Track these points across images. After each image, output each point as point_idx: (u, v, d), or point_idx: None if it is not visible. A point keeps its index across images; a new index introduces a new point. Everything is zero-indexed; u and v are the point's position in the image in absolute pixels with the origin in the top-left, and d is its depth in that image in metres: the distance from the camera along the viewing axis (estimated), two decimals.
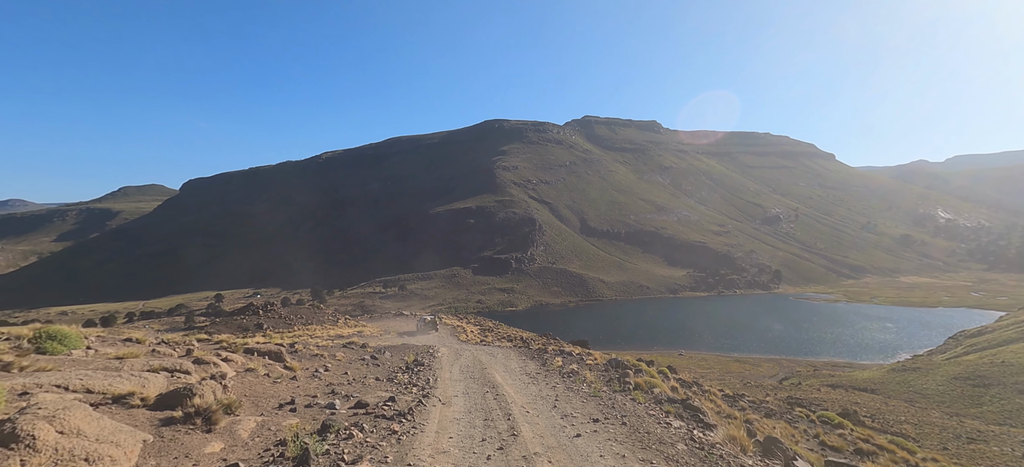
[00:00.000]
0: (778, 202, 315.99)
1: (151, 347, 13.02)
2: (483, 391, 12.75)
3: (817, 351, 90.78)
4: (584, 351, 27.22)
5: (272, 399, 9.67)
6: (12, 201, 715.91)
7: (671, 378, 21.40)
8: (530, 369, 17.55)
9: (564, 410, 10.90)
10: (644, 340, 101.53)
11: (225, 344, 15.90)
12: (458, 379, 14.70)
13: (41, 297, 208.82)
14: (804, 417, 24.22)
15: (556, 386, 13.98)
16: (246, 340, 18.67)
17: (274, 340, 21.00)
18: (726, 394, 26.48)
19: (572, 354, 23.12)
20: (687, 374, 30.97)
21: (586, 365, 19.48)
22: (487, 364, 18.46)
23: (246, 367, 11.94)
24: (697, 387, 23.30)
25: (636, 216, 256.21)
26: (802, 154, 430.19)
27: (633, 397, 12.80)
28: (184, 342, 15.81)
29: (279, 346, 16.33)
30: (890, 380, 55.85)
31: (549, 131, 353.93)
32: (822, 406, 40.02)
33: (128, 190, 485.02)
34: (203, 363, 11.16)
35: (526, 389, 13.48)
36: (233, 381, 10.35)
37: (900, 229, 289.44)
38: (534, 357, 21.27)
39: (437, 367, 17.12)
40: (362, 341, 26.72)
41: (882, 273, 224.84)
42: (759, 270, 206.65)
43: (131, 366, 9.64)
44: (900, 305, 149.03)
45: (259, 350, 14.53)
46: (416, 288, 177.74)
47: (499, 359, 20.45)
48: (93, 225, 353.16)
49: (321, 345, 21.81)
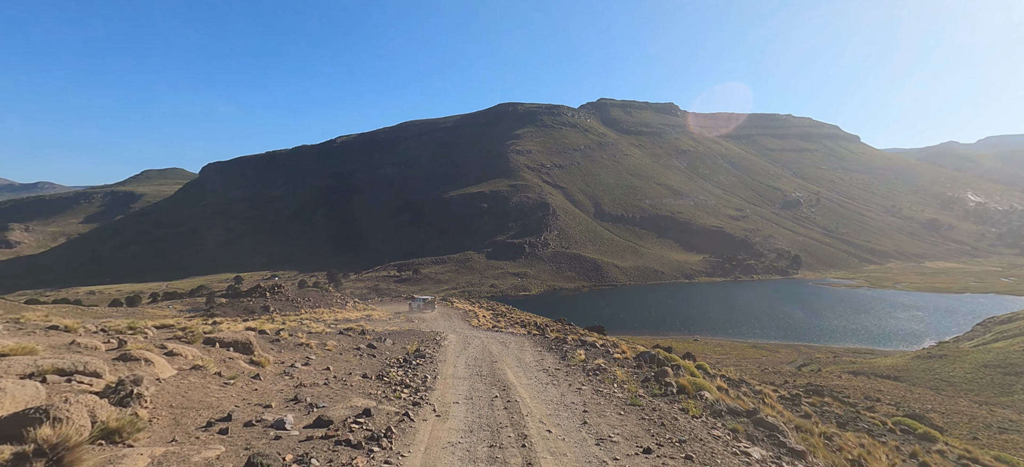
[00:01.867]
0: (799, 186, 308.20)
1: (72, 339, 10.48)
2: (491, 395, 10.49)
3: (837, 337, 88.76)
4: (607, 340, 24.38)
5: (205, 412, 7.41)
6: (41, 184, 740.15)
7: (716, 376, 18.85)
8: (548, 363, 15.14)
9: (598, 428, 8.43)
10: (658, 325, 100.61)
11: (181, 333, 13.04)
12: (463, 376, 12.53)
13: (70, 277, 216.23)
14: (879, 425, 20.15)
15: (581, 388, 11.57)
16: (210, 328, 15.72)
17: (261, 326, 18.66)
18: (782, 396, 22.67)
19: (595, 345, 20.21)
20: (732, 371, 26.16)
21: (614, 359, 16.73)
22: (498, 356, 16.26)
23: (194, 364, 9.65)
24: (747, 387, 20.17)
25: (651, 201, 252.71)
26: (825, 136, 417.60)
27: (683, 406, 10.34)
28: (125, 331, 13.14)
29: (248, 334, 13.23)
30: (914, 367, 54.22)
31: (563, 114, 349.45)
32: (844, 394, 38.97)
33: (150, 173, 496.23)
34: (131, 360, 8.78)
35: (544, 392, 11.14)
36: (166, 385, 8.21)
37: (927, 213, 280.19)
38: (552, 348, 18.87)
39: (440, 359, 15.04)
40: (367, 326, 25.23)
41: (907, 258, 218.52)
42: (777, 255, 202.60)
43: (8, 367, 7.26)
44: (925, 291, 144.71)
45: (223, 341, 12.04)
46: (430, 272, 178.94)
47: (512, 349, 18.32)
48: (118, 207, 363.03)
49: (314, 332, 19.61)
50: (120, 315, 62.89)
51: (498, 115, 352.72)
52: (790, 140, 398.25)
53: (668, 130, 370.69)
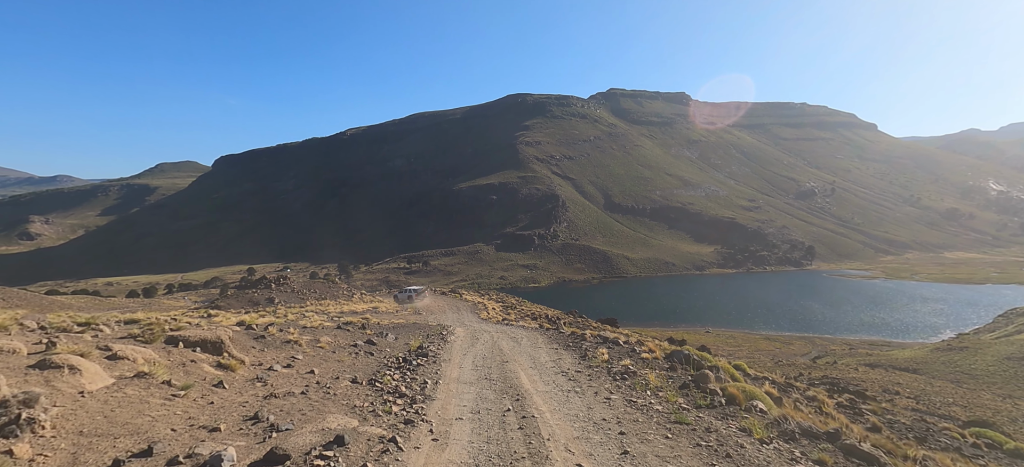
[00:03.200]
0: (813, 175, 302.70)
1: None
2: (503, 408, 8.77)
3: (852, 329, 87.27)
4: (630, 336, 22.18)
5: (123, 442, 5.78)
6: (60, 177, 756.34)
7: (762, 380, 16.42)
8: (566, 364, 13.27)
9: (645, 461, 6.61)
10: (670, 317, 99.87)
11: (139, 332, 10.82)
12: (469, 380, 10.97)
13: (88, 269, 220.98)
14: (958, 438, 17.07)
15: (611, 398, 9.67)
16: (184, 324, 13.73)
17: (253, 320, 17.35)
18: (840, 403, 19.66)
19: (618, 342, 17.94)
20: (778, 374, 22.76)
21: (641, 359, 14.57)
22: (510, 354, 14.64)
23: (140, 371, 7.92)
24: (798, 393, 17.32)
25: (662, 192, 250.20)
26: (841, 125, 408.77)
27: (742, 425, 8.34)
28: (73, 328, 11.46)
29: (221, 332, 11.19)
30: (934, 360, 53.00)
31: (573, 105, 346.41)
32: (862, 384, 38.15)
33: (164, 166, 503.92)
34: (50, 368, 7.09)
35: (567, 403, 9.25)
36: (87, 403, 6.53)
37: (946, 202, 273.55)
38: (569, 345, 16.90)
39: (445, 358, 13.63)
40: (372, 319, 24.09)
41: (925, 249, 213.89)
42: (791, 246, 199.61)
43: None
44: (944, 282, 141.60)
45: (188, 340, 10.34)
46: (439, 264, 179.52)
47: (524, 346, 16.52)
48: (133, 200, 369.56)
49: (311, 326, 17.96)
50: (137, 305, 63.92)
51: (507, 106, 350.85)
52: (804, 129, 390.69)
53: (679, 120, 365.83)
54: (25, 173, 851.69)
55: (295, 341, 13.57)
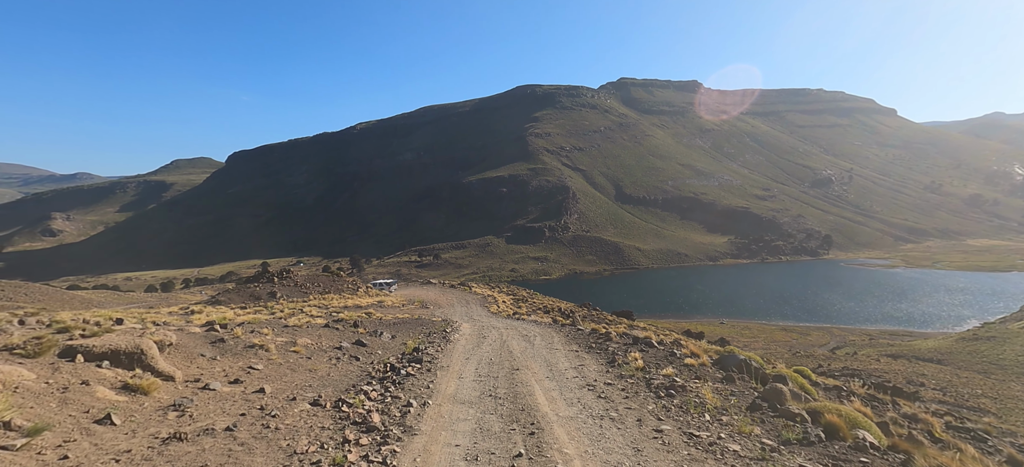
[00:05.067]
0: (830, 163, 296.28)
1: None
2: (511, 452, 6.22)
3: (872, 319, 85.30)
4: (663, 335, 19.20)
5: None
6: (80, 174, 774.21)
7: (849, 394, 13.67)
8: (591, 372, 10.80)
9: None
10: (684, 309, 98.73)
11: (21, 345, 7.48)
12: (468, 399, 8.51)
13: (109, 264, 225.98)
14: None
15: (661, 428, 7.14)
16: (94, 330, 9.10)
17: (222, 318, 14.82)
18: (949, 422, 16.62)
19: (650, 342, 14.66)
20: (858, 383, 19.18)
21: (685, 366, 11.69)
22: (521, 359, 12.26)
23: None
24: (892, 410, 13.84)
25: (674, 182, 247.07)
26: (858, 111, 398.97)
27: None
28: None
29: (143, 342, 8.17)
30: (959, 350, 51.45)
31: (583, 95, 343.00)
32: (884, 376, 37.09)
33: (180, 163, 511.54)
34: None
35: (603, 440, 6.72)
36: None
37: (969, 188, 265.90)
38: (592, 347, 14.07)
39: (443, 364, 11.47)
40: (375, 313, 22.51)
41: (947, 236, 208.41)
42: (807, 235, 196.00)
43: None
44: (967, 270, 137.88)
45: (94, 351, 7.68)
46: (450, 257, 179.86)
47: (538, 347, 14.07)
48: (150, 196, 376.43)
49: (295, 325, 15.54)
50: (155, 300, 64.96)
51: (516, 98, 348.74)
52: (821, 115, 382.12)
53: (691, 109, 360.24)
54: (47, 171, 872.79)
55: (260, 346, 11.17)
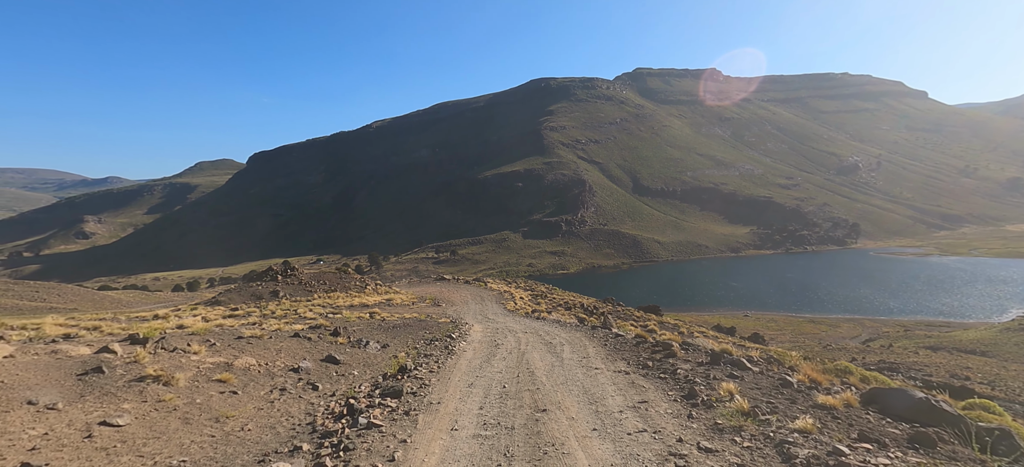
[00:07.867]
0: (856, 149, 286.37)
1: None
2: None
3: (907, 310, 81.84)
4: (747, 347, 15.83)
5: None
6: (111, 178, 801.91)
7: None
8: (666, 421, 6.47)
9: None
10: (705, 302, 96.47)
11: None
12: (465, 456, 5.61)
13: (139, 264, 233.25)
14: None
15: None
16: None
17: (154, 330, 11.24)
18: None
19: (741, 363, 9.42)
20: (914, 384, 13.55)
21: (821, 408, 6.65)
22: (549, 390, 8.21)
23: None
24: None
25: (693, 172, 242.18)
26: (886, 94, 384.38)
27: None
28: None
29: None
30: (1004, 341, 48.70)
31: (598, 87, 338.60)
32: (925, 369, 35.14)
33: (203, 165, 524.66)
34: None
35: None
36: None
37: (1007, 172, 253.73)
38: (647, 365, 9.69)
39: (431, 400, 7.75)
40: (379, 314, 20.58)
41: (983, 222, 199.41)
42: (833, 224, 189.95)
43: None
44: (1007, 257, 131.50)
45: None
46: (467, 253, 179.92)
47: (570, 366, 10.04)
48: (176, 198, 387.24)
49: (255, 336, 11.66)
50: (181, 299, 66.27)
51: (531, 92, 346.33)
52: (846, 100, 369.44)
53: (709, 97, 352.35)
54: (79, 175, 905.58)
55: (158, 378, 7.50)
